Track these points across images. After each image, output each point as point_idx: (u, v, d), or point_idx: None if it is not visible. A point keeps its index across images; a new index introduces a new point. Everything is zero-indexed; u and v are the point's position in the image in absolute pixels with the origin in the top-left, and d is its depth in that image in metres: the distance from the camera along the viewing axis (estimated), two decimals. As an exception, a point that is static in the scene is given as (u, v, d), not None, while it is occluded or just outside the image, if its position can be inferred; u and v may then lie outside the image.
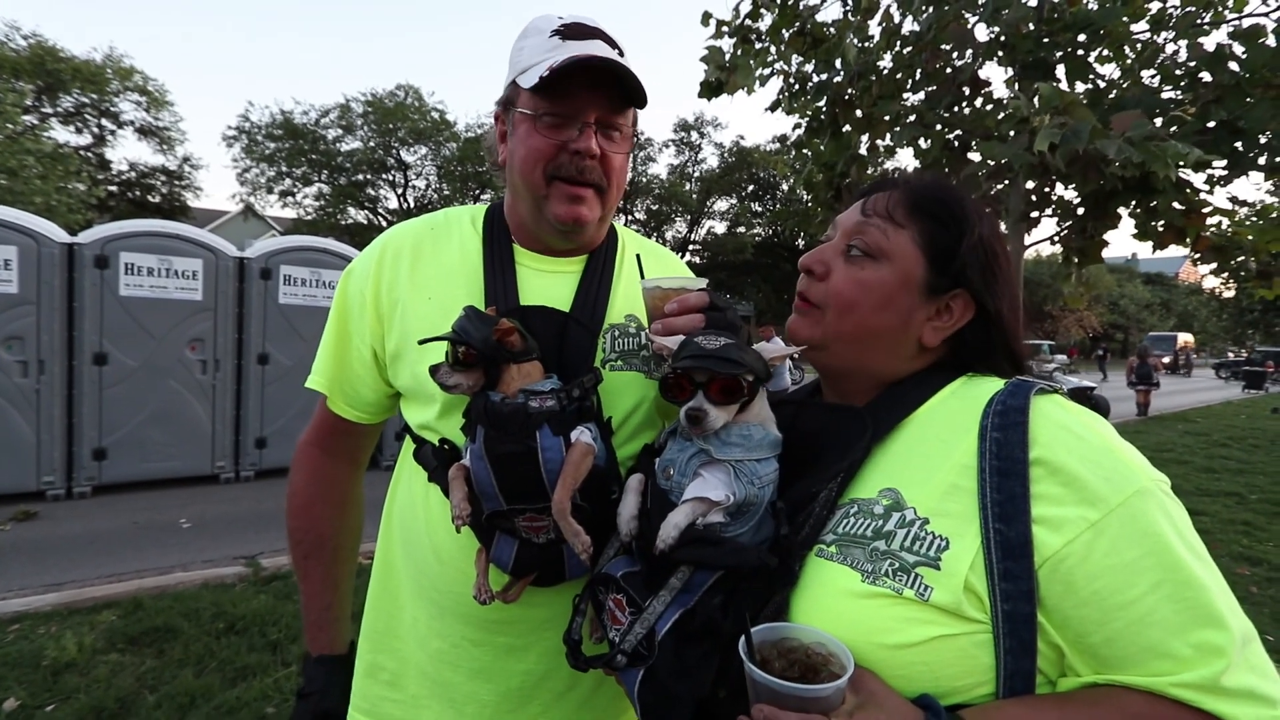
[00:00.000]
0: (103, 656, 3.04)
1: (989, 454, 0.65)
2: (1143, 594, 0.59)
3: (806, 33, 4.04)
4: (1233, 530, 5.60)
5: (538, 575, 0.89)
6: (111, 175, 23.30)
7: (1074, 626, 0.61)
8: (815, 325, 0.80)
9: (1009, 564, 0.61)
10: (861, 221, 0.80)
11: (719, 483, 0.72)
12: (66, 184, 16.18)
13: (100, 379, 5.77)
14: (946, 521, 0.64)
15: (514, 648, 0.98)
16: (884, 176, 0.89)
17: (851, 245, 0.79)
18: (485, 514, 0.84)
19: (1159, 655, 0.58)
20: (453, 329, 0.82)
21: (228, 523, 5.29)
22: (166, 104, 22.83)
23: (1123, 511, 0.60)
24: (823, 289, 0.80)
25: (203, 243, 6.24)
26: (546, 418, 0.80)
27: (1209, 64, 3.23)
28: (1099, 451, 0.64)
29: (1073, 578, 0.60)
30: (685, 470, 0.74)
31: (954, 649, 0.62)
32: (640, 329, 1.04)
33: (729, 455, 0.73)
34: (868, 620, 0.64)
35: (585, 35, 0.91)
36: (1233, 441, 10.82)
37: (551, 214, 0.95)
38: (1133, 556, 0.59)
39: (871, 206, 0.80)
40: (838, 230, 0.83)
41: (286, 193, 25.52)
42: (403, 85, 25.74)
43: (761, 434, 0.75)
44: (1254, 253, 3.75)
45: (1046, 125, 2.59)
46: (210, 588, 3.85)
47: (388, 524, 1.10)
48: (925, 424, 0.74)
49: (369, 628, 1.08)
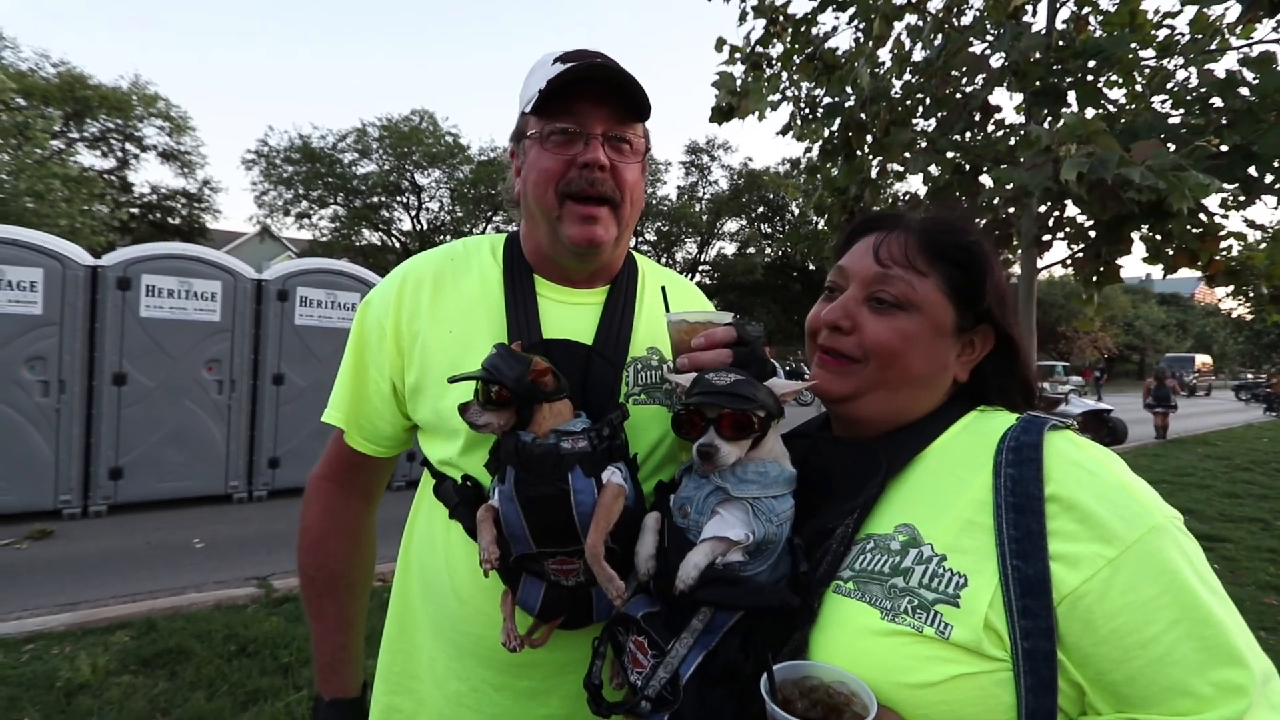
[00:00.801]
0: (116, 678, 3.04)
1: (1004, 490, 0.65)
2: (1161, 632, 0.59)
3: (818, 59, 4.10)
4: (1259, 558, 5.47)
5: (565, 618, 0.87)
6: (133, 198, 23.86)
7: (1094, 664, 0.60)
8: (850, 378, 0.79)
9: (1028, 601, 0.60)
10: (881, 273, 0.78)
11: (737, 521, 0.72)
12: (90, 206, 16.58)
13: (119, 399, 5.85)
14: (964, 558, 0.64)
15: (535, 692, 0.94)
16: (881, 213, 0.88)
17: (878, 297, 0.78)
18: (514, 556, 0.82)
19: (1180, 694, 0.58)
20: (484, 367, 0.80)
21: (240, 543, 5.31)
22: (189, 129, 23.47)
23: (1139, 548, 0.61)
24: (855, 341, 0.78)
25: (222, 265, 6.36)
26: (579, 459, 0.80)
27: (1220, 89, 3.24)
28: (1113, 488, 0.64)
29: (1091, 615, 0.60)
30: (702, 508, 0.74)
31: (975, 688, 0.61)
32: (663, 361, 1.03)
33: (746, 493, 0.73)
34: (888, 659, 0.63)
35: (585, 57, 0.92)
36: (1255, 466, 10.59)
37: (566, 236, 0.94)
38: (1150, 594, 0.60)
39: (888, 254, 0.79)
40: (850, 279, 0.81)
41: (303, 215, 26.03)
42: (418, 110, 26.35)
43: (777, 470, 0.75)
44: (1266, 277, 3.72)
45: (1073, 154, 2.60)
46: (223, 609, 3.85)
47: (405, 561, 1.07)
48: (939, 459, 0.74)
49: (385, 669, 1.05)
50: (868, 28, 3.97)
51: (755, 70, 4.49)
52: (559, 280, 1.02)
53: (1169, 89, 3.68)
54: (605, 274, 1.05)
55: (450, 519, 0.94)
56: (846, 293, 0.81)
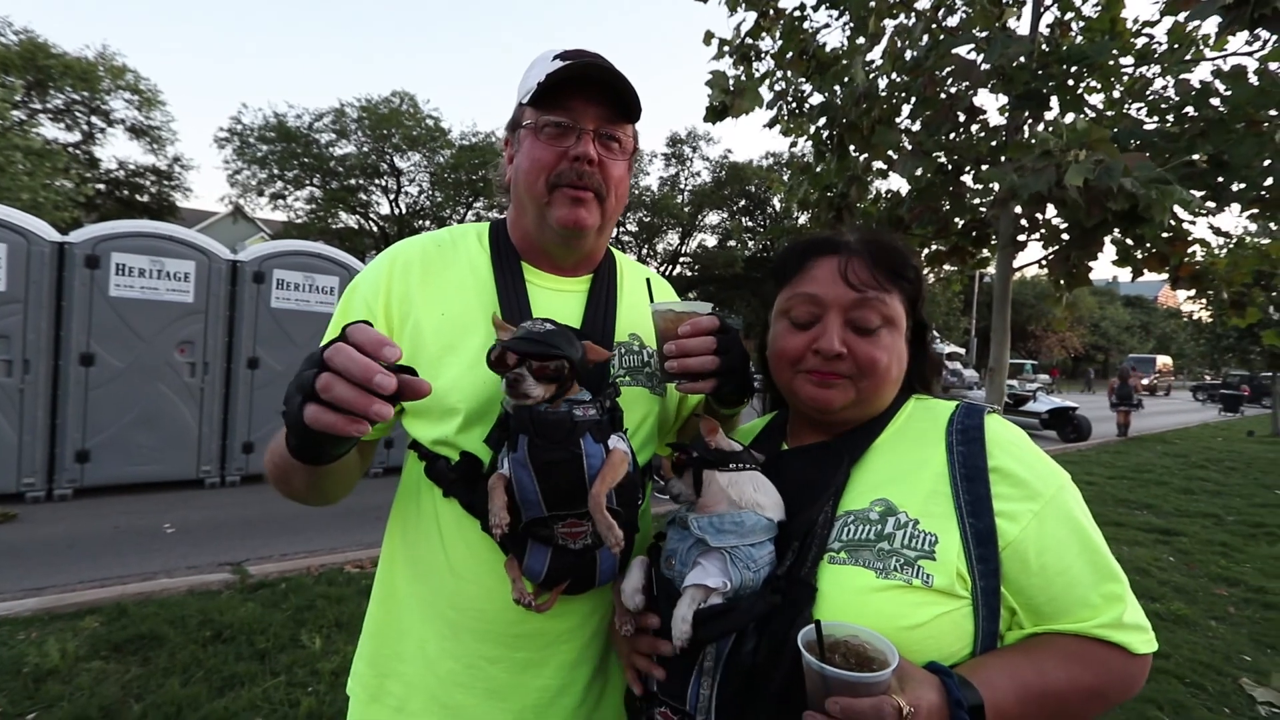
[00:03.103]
0: (86, 664, 2.98)
1: (957, 464, 0.82)
2: (1070, 563, 0.78)
3: (810, 57, 4.12)
4: (1211, 551, 5.71)
5: (570, 583, 0.90)
6: (100, 173, 23.02)
7: (1026, 593, 0.78)
8: (848, 391, 0.88)
9: (982, 550, 0.77)
10: (859, 298, 0.88)
11: (716, 570, 0.78)
12: (54, 181, 15.98)
13: (86, 380, 5.69)
14: (933, 521, 0.79)
15: (531, 663, 0.96)
16: (822, 236, 0.96)
17: (863, 326, 0.88)
18: (524, 521, 0.85)
19: (1082, 605, 0.77)
20: (544, 342, 0.83)
21: (213, 528, 5.22)
22: (159, 104, 22.66)
23: (1054, 503, 0.80)
24: (849, 364, 0.87)
25: (196, 245, 6.20)
26: (590, 426, 0.84)
27: (1195, 99, 3.34)
28: (1033, 457, 0.83)
29: (1026, 556, 0.77)
30: (685, 560, 0.81)
31: (950, 623, 0.76)
32: (643, 347, 1.08)
33: (724, 542, 0.79)
34: (887, 609, 0.75)
35: (585, 58, 0.97)
36: (1210, 463, 11.01)
37: (554, 218, 0.98)
38: (1063, 535, 0.79)
39: (858, 279, 0.89)
40: (828, 307, 0.89)
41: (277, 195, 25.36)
42: (398, 92, 25.77)
43: (754, 520, 0.81)
44: (1228, 283, 3.87)
45: (1081, 160, 2.67)
46: (196, 594, 3.79)
47: (391, 546, 1.06)
48: (897, 442, 0.89)
49: (374, 653, 1.04)
50: (860, 25, 4.00)
51: (745, 63, 4.50)
52: (545, 267, 1.06)
53: (1147, 97, 3.78)
54: (588, 263, 1.09)
55: (445, 497, 0.96)
56: (829, 319, 0.89)
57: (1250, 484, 9.22)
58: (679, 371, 0.93)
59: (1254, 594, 4.67)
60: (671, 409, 1.14)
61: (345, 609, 3.61)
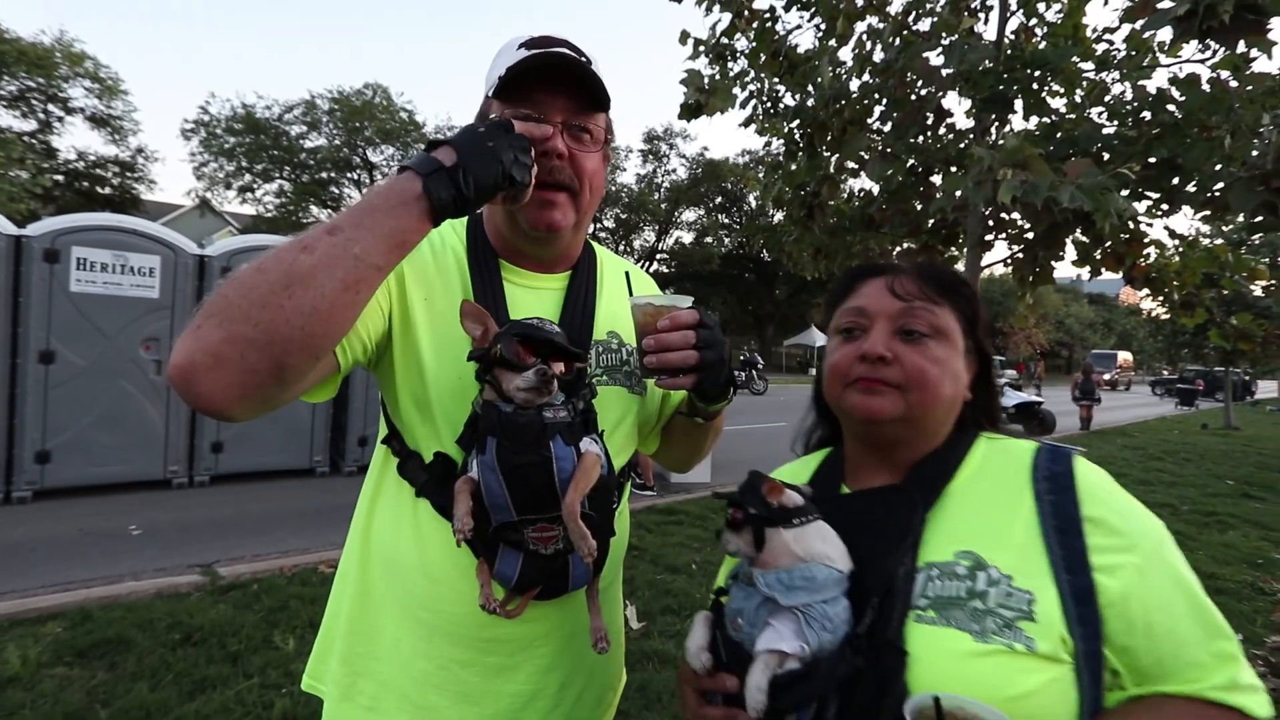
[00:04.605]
0: (49, 670, 2.91)
1: (1048, 515, 0.75)
2: (1178, 620, 0.71)
3: (782, 57, 4.18)
4: (1168, 541, 5.93)
5: (541, 588, 0.89)
6: (58, 164, 22.23)
7: (1130, 654, 0.72)
8: (896, 401, 0.83)
9: (1082, 609, 0.70)
10: (906, 307, 0.85)
11: (790, 633, 0.71)
12: (8, 171, 15.40)
13: (46, 378, 5.51)
14: (1027, 578, 0.72)
15: (503, 668, 0.95)
16: (875, 263, 0.94)
17: (908, 329, 0.85)
18: (493, 526, 0.84)
19: (1192, 666, 0.71)
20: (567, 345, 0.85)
21: (181, 530, 5.11)
22: (120, 93, 21.97)
23: (1155, 556, 0.74)
24: (897, 371, 0.83)
25: (161, 239, 6.04)
26: (560, 429, 0.83)
27: (1151, 104, 3.47)
28: (1125, 504, 0.77)
29: (1130, 615, 0.71)
30: (754, 620, 0.74)
31: (1057, 691, 0.69)
32: (622, 345, 1.05)
33: (796, 600, 0.71)
34: (989, 677, 0.68)
35: (550, 45, 0.93)
36: (1166, 455, 11.44)
37: (525, 220, 0.95)
38: (1168, 590, 0.73)
39: (904, 290, 0.86)
40: (875, 317, 0.86)
41: (246, 188, 24.79)
42: (371, 84, 25.32)
43: (825, 573, 0.73)
44: (1179, 284, 4.03)
45: (1009, 179, 2.76)
46: (164, 597, 3.72)
47: (364, 543, 1.03)
48: (974, 486, 0.82)
49: (348, 650, 1.01)
50: (830, 27, 4.06)
51: (720, 62, 4.54)
52: (522, 264, 1.03)
53: (1106, 102, 3.91)
54: (566, 260, 1.06)
55: (417, 497, 0.94)
56: (876, 329, 0.86)
57: (1204, 475, 9.60)
58: (658, 367, 0.91)
59: (1206, 579, 4.76)
60: (653, 408, 1.12)
61: (319, 609, 3.55)
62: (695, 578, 4.34)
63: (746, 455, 9.39)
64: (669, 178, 32.41)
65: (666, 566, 4.54)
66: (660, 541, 5.09)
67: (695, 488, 7.13)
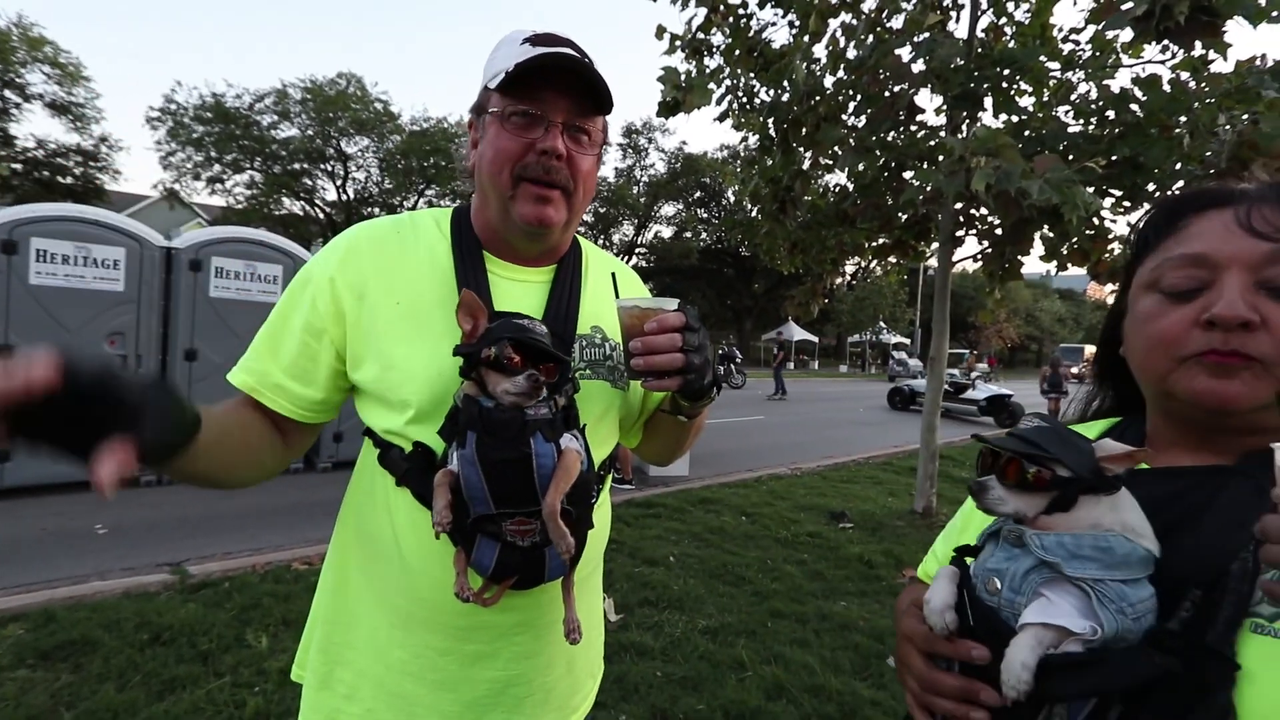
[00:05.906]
0: (10, 673, 2.84)
1: None
2: None
3: (757, 54, 4.20)
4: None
5: (517, 579, 0.90)
6: (15, 152, 21.47)
7: None
8: (1260, 384, 0.62)
9: None
10: (1273, 250, 0.63)
11: (1072, 609, 0.58)
12: (-38, 159, 14.84)
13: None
14: None
15: (481, 655, 0.96)
16: (1208, 189, 0.70)
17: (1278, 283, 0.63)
18: (471, 518, 0.85)
19: None
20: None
21: (149, 528, 5.00)
22: (82, 79, 21.27)
23: None
24: (1264, 342, 0.62)
25: (126, 230, 5.88)
26: (540, 425, 0.83)
27: (1114, 104, 3.56)
28: None
29: None
30: (1019, 586, 0.61)
31: None
32: (605, 340, 1.06)
33: (1082, 572, 0.58)
34: None
35: (555, 43, 0.93)
36: (1132, 447, 11.77)
37: (518, 214, 0.95)
38: None
39: (1268, 225, 0.64)
40: (1226, 267, 0.65)
41: (215, 179, 24.20)
42: (344, 74, 24.86)
43: (1126, 547, 0.59)
44: None
45: (982, 167, 2.82)
46: (132, 597, 3.64)
47: (343, 534, 1.05)
48: None
49: (325, 639, 1.03)
50: (803, 23, 4.10)
51: (696, 57, 4.55)
52: (507, 257, 1.03)
53: (1072, 100, 4.01)
54: (552, 255, 1.07)
55: (398, 486, 0.95)
56: (1226, 282, 0.64)
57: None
58: (645, 369, 0.91)
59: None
60: (635, 404, 1.13)
61: (293, 606, 3.54)
62: (673, 570, 4.38)
63: (725, 448, 9.46)
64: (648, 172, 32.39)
65: (644, 559, 4.57)
66: (638, 535, 5.12)
67: (673, 481, 7.17)
